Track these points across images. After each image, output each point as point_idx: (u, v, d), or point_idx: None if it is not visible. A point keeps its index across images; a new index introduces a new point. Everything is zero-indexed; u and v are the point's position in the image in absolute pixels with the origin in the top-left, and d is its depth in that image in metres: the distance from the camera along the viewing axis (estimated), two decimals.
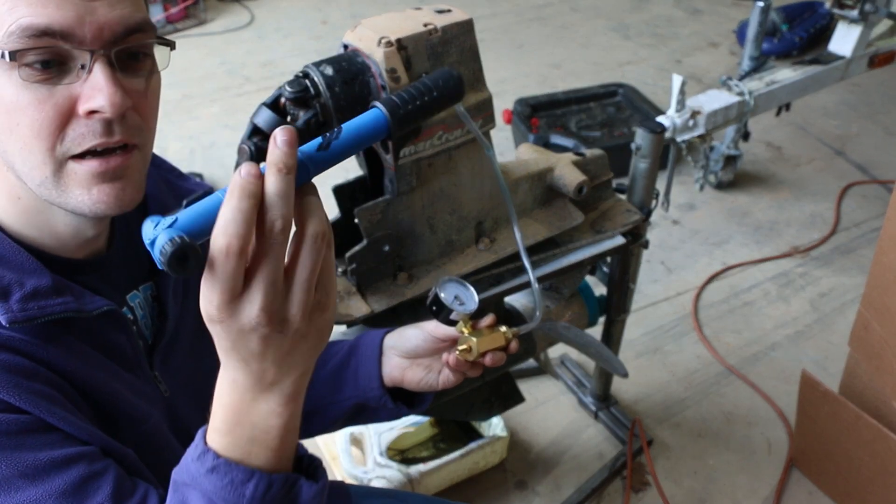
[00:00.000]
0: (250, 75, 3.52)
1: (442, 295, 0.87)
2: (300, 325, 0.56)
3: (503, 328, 0.92)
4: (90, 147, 0.67)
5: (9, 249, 0.70)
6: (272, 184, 0.53)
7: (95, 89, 0.64)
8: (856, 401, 1.52)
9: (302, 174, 0.56)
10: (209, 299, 0.54)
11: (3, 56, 0.62)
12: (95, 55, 0.64)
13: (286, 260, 0.56)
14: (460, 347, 0.90)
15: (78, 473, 0.66)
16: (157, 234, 0.53)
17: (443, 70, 0.67)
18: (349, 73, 0.97)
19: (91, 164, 0.67)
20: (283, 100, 0.98)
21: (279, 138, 0.53)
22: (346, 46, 1.02)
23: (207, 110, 3.25)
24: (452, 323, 0.90)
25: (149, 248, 0.54)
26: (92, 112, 0.65)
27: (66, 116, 0.65)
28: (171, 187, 0.91)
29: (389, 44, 0.97)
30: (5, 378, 0.65)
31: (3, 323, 0.67)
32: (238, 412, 0.61)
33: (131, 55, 0.68)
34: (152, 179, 0.87)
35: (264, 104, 0.99)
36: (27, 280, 0.69)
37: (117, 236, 0.83)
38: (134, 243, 0.86)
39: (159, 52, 0.72)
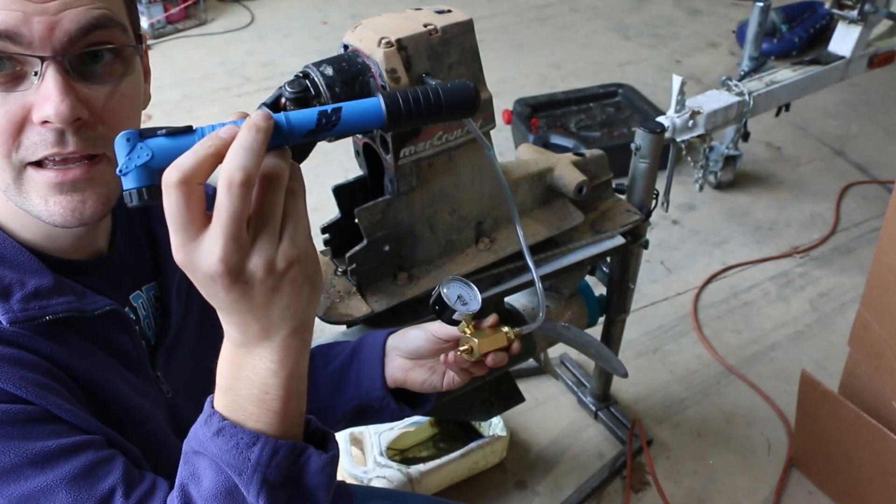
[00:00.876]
0: (250, 75, 3.52)
1: (445, 293, 0.87)
2: (265, 278, 0.54)
3: (505, 329, 0.92)
4: (44, 156, 0.65)
5: (10, 249, 0.70)
6: (239, 138, 0.52)
7: (44, 98, 0.62)
8: (855, 401, 1.52)
9: (278, 140, 0.56)
10: (172, 239, 0.53)
11: None
12: (46, 61, 0.62)
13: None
14: (462, 348, 0.90)
15: (87, 459, 0.66)
16: (130, 168, 0.54)
17: (461, 81, 0.66)
18: (349, 74, 0.97)
19: (48, 175, 0.65)
20: (283, 100, 0.98)
21: (259, 113, 0.54)
22: (346, 47, 1.02)
23: (207, 110, 3.24)
24: (455, 323, 0.90)
25: (118, 173, 0.54)
26: (44, 122, 0.63)
27: (20, 125, 0.63)
28: None
29: (389, 44, 0.97)
30: (10, 370, 0.65)
31: (4, 323, 0.66)
32: (234, 366, 0.60)
33: (94, 56, 0.65)
34: None
35: (264, 104, 0.99)
36: (28, 280, 0.68)
37: (119, 236, 0.82)
38: (136, 243, 0.85)
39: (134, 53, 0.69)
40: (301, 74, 0.98)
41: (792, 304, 2.28)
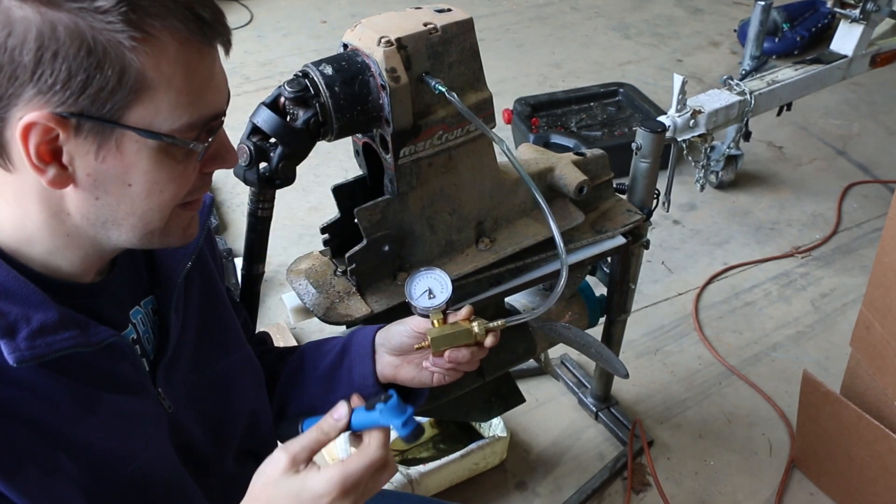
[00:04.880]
0: (249, 75, 3.51)
1: (410, 288, 0.86)
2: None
3: (474, 323, 0.88)
4: (199, 197, 0.75)
5: (13, 282, 0.67)
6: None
7: (227, 150, 0.75)
8: (857, 401, 1.51)
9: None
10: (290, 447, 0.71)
11: (185, 144, 0.68)
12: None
13: None
14: (422, 343, 0.88)
15: None
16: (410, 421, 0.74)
17: None
18: (349, 73, 0.96)
19: (192, 208, 0.76)
20: (282, 99, 0.98)
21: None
22: (345, 46, 1.02)
23: None
24: (427, 316, 0.88)
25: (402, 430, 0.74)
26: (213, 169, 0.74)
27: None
28: None
29: (389, 43, 0.96)
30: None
31: (11, 363, 0.64)
32: None
33: None
34: None
35: (263, 104, 0.99)
36: (33, 315, 0.66)
37: (120, 256, 0.81)
38: (134, 260, 0.84)
39: None
40: (300, 74, 0.97)
41: (793, 305, 2.28)
